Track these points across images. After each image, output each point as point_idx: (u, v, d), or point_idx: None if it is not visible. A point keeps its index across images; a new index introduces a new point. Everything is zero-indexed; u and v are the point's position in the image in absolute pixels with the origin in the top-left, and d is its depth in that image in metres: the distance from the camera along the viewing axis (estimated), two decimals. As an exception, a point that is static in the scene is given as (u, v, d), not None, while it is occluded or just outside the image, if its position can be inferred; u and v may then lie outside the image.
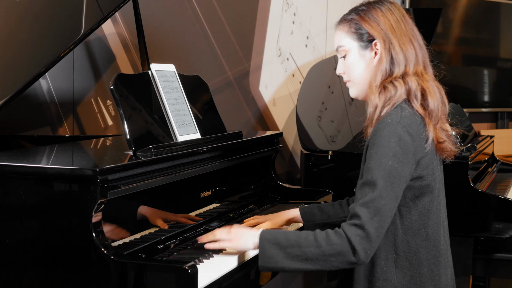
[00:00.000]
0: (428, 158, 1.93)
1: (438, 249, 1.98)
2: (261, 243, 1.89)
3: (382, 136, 1.87)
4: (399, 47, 1.98)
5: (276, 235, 1.89)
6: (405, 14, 2.05)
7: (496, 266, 3.37)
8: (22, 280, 1.87)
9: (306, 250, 1.83)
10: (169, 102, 2.29)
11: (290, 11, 4.20)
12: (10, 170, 1.87)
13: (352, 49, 2.03)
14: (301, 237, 1.86)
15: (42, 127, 2.96)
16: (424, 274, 1.94)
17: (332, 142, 3.66)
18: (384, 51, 1.98)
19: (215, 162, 2.35)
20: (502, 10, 6.10)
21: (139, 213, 2.08)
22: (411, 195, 1.92)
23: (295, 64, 4.26)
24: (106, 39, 3.17)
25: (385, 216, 1.82)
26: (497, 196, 3.27)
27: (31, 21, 2.57)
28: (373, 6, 2.02)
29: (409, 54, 1.98)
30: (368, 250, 1.81)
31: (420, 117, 1.94)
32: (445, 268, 2.00)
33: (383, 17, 2.00)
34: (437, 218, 1.98)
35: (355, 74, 2.04)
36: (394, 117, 1.90)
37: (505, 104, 6.27)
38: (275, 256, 1.86)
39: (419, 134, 1.91)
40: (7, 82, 2.37)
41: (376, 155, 1.86)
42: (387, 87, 1.96)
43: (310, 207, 2.38)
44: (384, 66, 1.98)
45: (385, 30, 1.98)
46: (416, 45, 2.01)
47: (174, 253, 2.03)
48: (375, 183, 1.83)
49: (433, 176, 1.95)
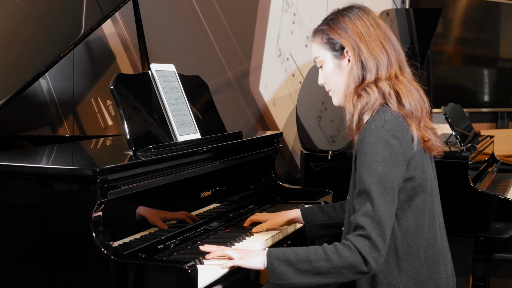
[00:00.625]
0: (418, 158, 1.94)
1: (436, 247, 1.98)
2: (269, 261, 1.88)
3: (368, 143, 1.88)
4: (368, 52, 1.99)
5: (285, 251, 1.89)
6: (376, 17, 2.06)
7: (496, 266, 3.37)
8: (22, 280, 1.87)
9: (317, 264, 1.83)
10: (169, 102, 2.29)
11: (290, 11, 4.20)
12: (10, 170, 1.87)
13: (326, 59, 2.07)
14: (310, 252, 1.86)
15: (42, 127, 2.96)
16: (424, 273, 1.95)
17: (332, 142, 3.66)
18: (354, 58, 2.00)
19: (215, 162, 2.35)
20: (502, 10, 6.10)
21: (139, 213, 2.08)
22: (404, 197, 1.93)
23: (295, 64, 4.26)
24: (106, 39, 3.18)
25: (386, 222, 1.84)
26: (497, 196, 3.27)
27: (31, 21, 2.57)
28: (342, 14, 2.06)
29: (380, 58, 1.99)
30: (379, 259, 1.82)
31: (402, 118, 1.95)
32: (444, 265, 2.00)
33: (351, 24, 2.02)
34: (431, 216, 1.99)
35: (334, 83, 2.08)
36: (377, 122, 1.91)
37: (505, 104, 6.27)
38: (285, 273, 1.85)
39: (404, 135, 1.92)
40: (7, 82, 2.37)
41: (366, 163, 1.87)
42: (360, 94, 1.98)
43: (311, 208, 2.37)
44: (355, 73, 2.00)
45: (353, 37, 2.01)
46: (389, 48, 2.02)
47: (174, 253, 2.03)
48: (370, 191, 1.84)
49: (423, 175, 1.95)
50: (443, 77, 5.79)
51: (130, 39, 3.24)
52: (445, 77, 5.83)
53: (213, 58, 3.74)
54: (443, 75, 5.80)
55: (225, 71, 3.82)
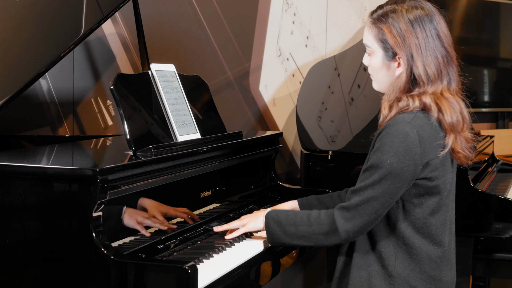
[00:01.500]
0: (439, 160, 1.94)
1: (442, 250, 1.99)
2: (266, 221, 2.07)
3: (389, 133, 1.91)
4: (422, 67, 1.95)
5: (279, 213, 2.07)
6: (438, 21, 2.00)
7: (496, 266, 3.37)
8: (22, 280, 1.87)
9: (299, 228, 2.00)
10: (169, 102, 2.29)
11: (290, 11, 4.20)
12: (10, 170, 1.87)
13: (376, 53, 2.02)
14: (298, 216, 2.03)
15: (42, 127, 2.96)
16: (425, 271, 1.96)
17: (332, 142, 3.65)
18: (405, 68, 1.96)
19: (215, 162, 2.35)
20: (502, 10, 6.10)
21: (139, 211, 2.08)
22: (416, 192, 1.94)
23: (295, 64, 4.26)
24: (106, 39, 3.17)
25: (372, 207, 1.90)
26: (497, 196, 3.27)
27: (31, 22, 2.57)
28: (403, 16, 1.96)
29: (432, 74, 1.95)
30: (351, 233, 1.93)
31: (438, 125, 1.95)
32: (447, 269, 2.01)
33: (411, 32, 1.95)
34: (443, 219, 1.99)
35: (378, 75, 2.05)
36: (407, 116, 1.92)
37: (505, 104, 6.27)
38: (277, 233, 2.04)
39: (430, 136, 1.92)
40: (7, 82, 2.37)
41: (379, 151, 1.91)
42: (401, 99, 1.96)
43: (309, 199, 2.40)
44: (402, 82, 1.97)
45: (410, 48, 1.95)
46: (442, 61, 1.98)
47: (174, 253, 2.03)
48: (372, 175, 1.91)
49: (443, 178, 1.96)
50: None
51: (130, 39, 3.24)
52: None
53: (213, 58, 3.74)
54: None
55: (225, 71, 3.82)
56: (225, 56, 3.80)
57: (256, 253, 2.13)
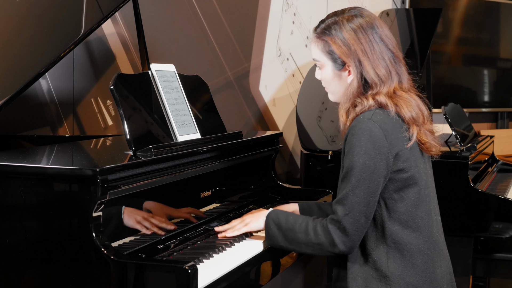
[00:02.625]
0: (408, 151, 1.98)
1: (432, 240, 2.02)
2: (267, 222, 2.10)
3: (354, 134, 1.96)
4: (371, 70, 2.01)
5: (280, 216, 2.08)
6: (378, 26, 2.05)
7: (496, 266, 3.37)
8: (22, 280, 1.87)
9: (298, 235, 2.02)
10: (169, 102, 2.29)
11: (290, 11, 4.20)
12: (10, 170, 1.87)
13: (326, 65, 2.09)
14: (297, 221, 2.04)
15: (42, 127, 2.96)
16: (418, 265, 1.98)
17: (332, 142, 3.65)
18: (356, 75, 2.03)
19: (215, 162, 2.35)
20: (502, 10, 6.10)
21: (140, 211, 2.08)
22: (394, 187, 1.98)
23: (295, 64, 4.26)
24: (106, 39, 3.17)
25: (359, 211, 1.93)
26: (497, 196, 3.27)
27: (31, 22, 2.57)
28: (344, 26, 2.03)
29: (382, 75, 2.02)
30: (347, 243, 1.95)
31: (399, 119, 1.99)
32: (439, 260, 2.03)
33: (355, 40, 2.01)
34: (427, 210, 2.02)
35: (331, 86, 2.12)
36: (366, 114, 1.98)
37: (505, 104, 6.27)
38: (276, 236, 2.07)
39: (394, 129, 1.97)
40: (7, 82, 2.37)
41: (349, 154, 1.96)
42: (356, 103, 2.03)
43: (309, 204, 2.41)
44: (355, 88, 2.04)
45: (356, 55, 2.02)
46: (390, 61, 2.04)
47: (174, 253, 2.03)
48: (349, 181, 1.95)
49: (416, 168, 2.00)
50: (443, 77, 5.79)
51: (130, 39, 3.24)
52: (445, 77, 5.83)
53: (213, 58, 3.74)
54: (443, 75, 5.80)
55: (225, 71, 3.82)
56: (225, 56, 3.80)
57: (256, 253, 2.13)
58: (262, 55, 4.05)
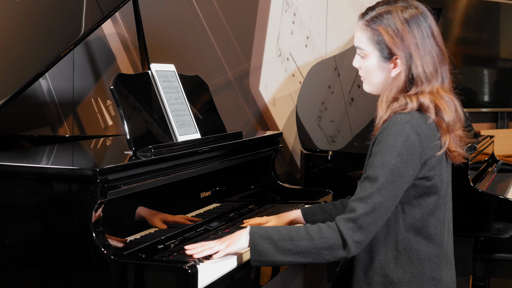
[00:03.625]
0: (436, 159, 1.93)
1: (441, 249, 1.98)
2: (251, 238, 1.90)
3: (390, 134, 1.88)
4: (421, 66, 1.93)
5: (267, 229, 1.92)
6: (433, 23, 1.98)
7: (496, 266, 3.37)
8: (22, 280, 1.87)
9: (298, 243, 1.86)
10: (169, 102, 2.29)
11: (290, 11, 4.20)
12: (10, 170, 1.87)
13: (372, 55, 1.99)
14: (293, 231, 1.90)
15: (42, 127, 2.96)
16: (425, 273, 1.95)
17: (332, 142, 3.65)
18: (404, 69, 1.94)
19: (215, 162, 2.35)
20: (502, 10, 6.10)
21: (138, 213, 2.08)
22: (415, 193, 1.93)
23: (295, 64, 4.26)
24: (106, 39, 3.17)
25: (380, 213, 1.85)
26: (497, 196, 3.27)
27: (31, 21, 2.57)
28: (399, 17, 1.94)
29: (430, 73, 1.94)
30: (358, 244, 1.85)
31: (434, 125, 1.93)
32: (446, 269, 2.00)
33: (409, 33, 1.93)
34: (441, 218, 1.98)
35: (372, 77, 2.02)
36: (404, 116, 1.91)
37: (505, 104, 6.27)
38: (266, 250, 1.88)
39: (428, 136, 1.91)
40: (7, 82, 2.37)
41: (381, 153, 1.88)
42: (398, 98, 1.95)
43: (312, 208, 2.37)
44: (401, 83, 1.95)
45: (408, 48, 1.93)
46: (438, 60, 1.97)
47: (174, 253, 2.02)
48: (376, 180, 1.85)
49: (440, 177, 1.95)
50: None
51: (130, 39, 3.24)
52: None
53: (213, 58, 3.74)
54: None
55: (225, 71, 3.82)
56: (225, 56, 3.80)
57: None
58: (262, 55, 4.05)
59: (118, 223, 1.97)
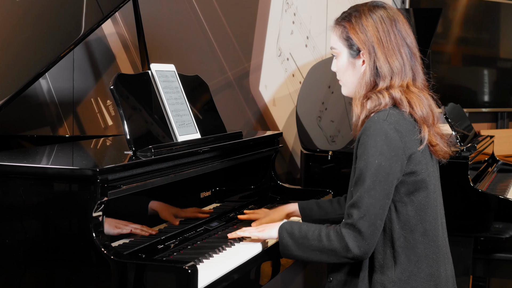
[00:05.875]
0: (420, 153, 1.96)
1: (437, 244, 2.00)
2: (280, 232, 2.05)
3: (369, 134, 1.92)
4: (384, 60, 1.99)
5: (293, 225, 2.04)
6: (399, 20, 2.04)
7: (496, 266, 3.37)
8: (22, 280, 1.87)
9: (311, 242, 1.97)
10: (169, 102, 2.29)
11: (290, 11, 4.20)
12: (10, 170, 1.87)
13: (342, 53, 2.07)
14: (310, 229, 2.00)
15: (42, 127, 2.96)
16: (423, 269, 1.96)
17: (332, 142, 3.66)
18: (369, 63, 2.01)
19: (215, 162, 2.35)
20: (502, 10, 6.10)
21: (138, 213, 2.08)
22: (405, 190, 1.95)
23: (295, 64, 4.26)
24: (106, 39, 3.17)
25: (375, 214, 1.89)
26: (497, 196, 3.27)
27: (31, 21, 2.57)
28: (365, 14, 2.03)
29: (395, 67, 1.99)
30: (362, 248, 1.90)
31: (412, 120, 1.97)
32: (444, 264, 2.02)
33: (372, 27, 2.00)
34: (434, 213, 2.00)
35: (345, 77, 2.09)
36: (381, 114, 1.95)
37: (505, 104, 6.27)
38: (289, 245, 2.01)
39: (407, 130, 1.94)
40: (7, 82, 2.37)
41: (364, 155, 1.92)
42: (371, 97, 2.00)
43: (309, 203, 2.41)
44: (368, 77, 2.01)
45: (371, 42, 2.00)
46: (405, 56, 2.02)
47: (174, 253, 2.03)
48: (363, 183, 1.90)
49: (426, 171, 1.98)
50: (443, 77, 5.79)
51: (130, 39, 3.24)
52: (445, 77, 5.82)
53: (213, 58, 3.74)
54: (443, 75, 5.80)
55: (225, 71, 3.82)
56: (225, 56, 3.80)
57: (256, 253, 2.13)
58: (262, 55, 4.05)
59: (118, 223, 1.97)
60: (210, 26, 3.69)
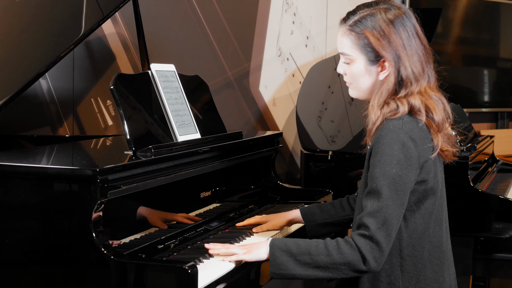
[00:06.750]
0: (431, 161, 1.92)
1: (441, 250, 1.97)
2: (271, 251, 1.88)
3: (385, 143, 1.86)
4: (410, 67, 1.91)
5: (287, 242, 1.89)
6: (416, 22, 1.96)
7: (496, 266, 3.37)
8: (22, 280, 1.87)
9: (317, 258, 1.84)
10: (169, 102, 2.29)
11: (290, 11, 4.20)
12: (10, 170, 1.87)
13: (358, 60, 1.96)
14: (312, 244, 1.87)
15: (42, 127, 2.96)
16: (428, 276, 1.94)
17: (332, 142, 3.66)
18: (393, 71, 1.92)
19: (215, 162, 2.35)
20: (502, 10, 6.10)
21: (139, 213, 2.08)
22: (414, 199, 1.91)
23: (295, 64, 4.26)
24: (106, 39, 3.17)
25: (392, 224, 1.83)
26: (497, 196, 3.27)
27: (31, 21, 2.57)
28: (385, 20, 1.91)
29: (418, 73, 1.92)
30: (379, 259, 1.82)
31: (425, 127, 1.93)
32: (448, 269, 2.00)
33: (396, 34, 1.91)
34: (439, 219, 1.98)
35: (359, 83, 1.99)
36: (396, 123, 1.88)
37: (505, 104, 6.27)
38: (286, 263, 1.86)
39: (422, 139, 1.90)
40: (7, 82, 2.37)
41: (380, 163, 1.85)
42: (389, 103, 1.92)
43: (311, 207, 2.37)
44: (391, 85, 1.92)
45: (396, 50, 1.90)
46: (424, 59, 1.95)
47: (174, 253, 2.03)
48: (380, 192, 1.83)
49: (435, 178, 1.94)
50: (443, 77, 5.78)
51: (130, 39, 3.24)
52: (445, 77, 5.82)
53: (213, 58, 3.74)
54: (443, 75, 5.79)
55: (225, 71, 3.82)
56: (225, 56, 3.80)
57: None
58: (262, 55, 4.05)
59: (118, 223, 1.97)
60: (210, 26, 3.69)
